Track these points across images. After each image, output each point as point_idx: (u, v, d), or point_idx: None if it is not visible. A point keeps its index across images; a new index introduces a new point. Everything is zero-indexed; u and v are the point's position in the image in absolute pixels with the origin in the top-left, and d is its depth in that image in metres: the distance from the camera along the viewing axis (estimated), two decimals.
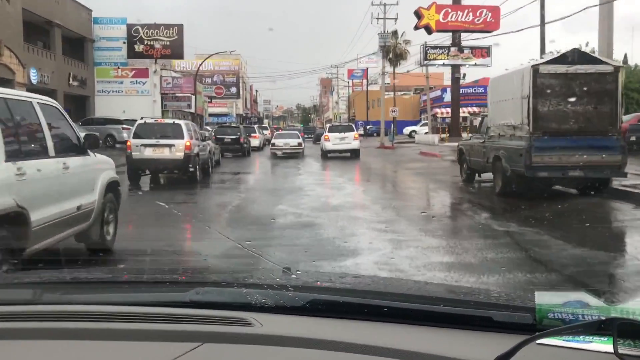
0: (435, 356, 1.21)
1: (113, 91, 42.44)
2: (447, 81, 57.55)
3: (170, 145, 18.02)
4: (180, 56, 43.61)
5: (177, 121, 18.65)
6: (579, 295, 1.33)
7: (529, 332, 1.23)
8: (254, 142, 40.16)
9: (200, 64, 47.05)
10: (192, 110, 44.14)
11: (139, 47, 42.65)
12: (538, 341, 1.18)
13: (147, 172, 18.63)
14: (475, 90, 64.36)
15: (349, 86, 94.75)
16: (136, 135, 18.32)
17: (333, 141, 29.55)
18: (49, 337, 1.33)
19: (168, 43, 42.70)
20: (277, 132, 39.86)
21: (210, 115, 76.57)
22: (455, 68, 40.65)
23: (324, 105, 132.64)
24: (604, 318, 1.16)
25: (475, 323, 1.41)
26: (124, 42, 42.73)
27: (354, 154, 29.30)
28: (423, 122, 58.53)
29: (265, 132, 57.29)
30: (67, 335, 1.34)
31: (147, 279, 2.07)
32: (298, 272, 2.02)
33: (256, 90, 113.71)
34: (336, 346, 1.26)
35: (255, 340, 1.30)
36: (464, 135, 40.95)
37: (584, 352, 1.20)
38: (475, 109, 48.81)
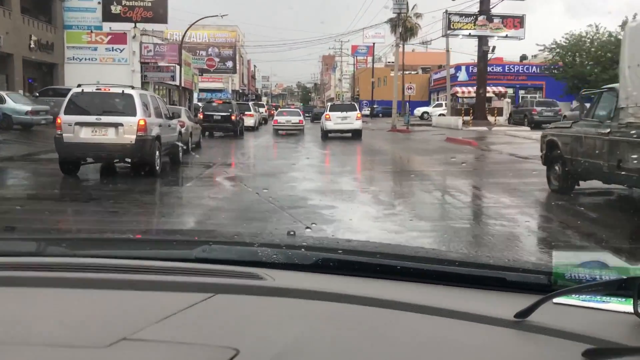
0: (450, 311, 1.16)
1: (86, 59, 36.70)
2: (455, 61, 52.17)
3: (116, 125, 12.56)
4: (163, 20, 37.73)
5: (127, 90, 13.11)
6: (598, 255, 1.29)
7: (545, 293, 1.17)
8: (248, 121, 35.25)
9: (187, 30, 41.24)
10: (177, 83, 38.33)
11: (115, 9, 36.78)
12: (555, 300, 1.16)
13: (88, 160, 13.20)
14: (492, 69, 58.87)
15: (354, 63, 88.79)
16: (70, 110, 12.82)
17: (334, 121, 27.99)
18: (58, 286, 1.29)
19: (150, 4, 36.80)
20: (279, 110, 39.77)
21: (203, 90, 70.96)
22: (483, 40, 34.97)
23: (326, 83, 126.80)
24: (624, 277, 1.11)
25: (490, 283, 1.37)
26: (99, 3, 36.83)
27: (356, 134, 27.82)
28: (436, 102, 52.65)
29: (261, 110, 51.78)
30: (73, 285, 1.29)
31: (154, 237, 2.21)
32: (306, 233, 1.61)
33: (254, 66, 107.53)
34: (349, 299, 1.22)
35: (268, 292, 1.26)
36: (490, 118, 35.42)
37: (602, 312, 1.16)
38: (501, 89, 42.96)
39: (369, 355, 0.99)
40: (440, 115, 42.68)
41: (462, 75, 60.67)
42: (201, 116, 30.81)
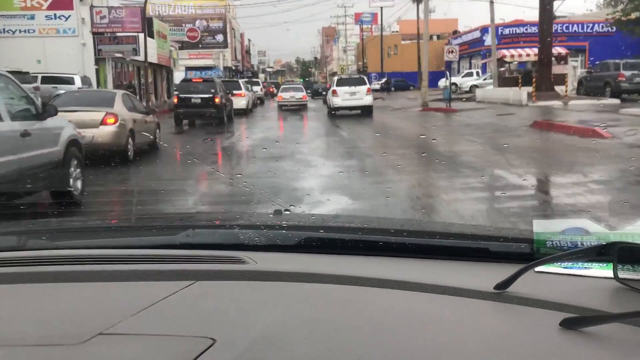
0: (432, 285, 1.17)
1: (20, 30, 28.16)
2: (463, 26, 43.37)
3: None
4: None
5: None
6: (578, 222, 1.30)
7: (528, 261, 1.17)
8: (239, 103, 27.85)
9: None
10: (141, 58, 29.49)
11: None
12: (537, 269, 1.18)
13: None
14: (525, 30, 49.96)
15: (361, 31, 79.46)
16: None
17: (342, 97, 25.19)
18: (34, 281, 1.26)
19: None
20: (283, 87, 38.79)
21: (191, 69, 62.28)
22: None
23: (327, 56, 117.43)
24: (603, 243, 1.13)
25: (472, 255, 1.40)
26: None
27: (366, 111, 25.19)
28: (466, 71, 43.62)
29: (256, 88, 43.19)
30: (54, 279, 1.27)
31: (136, 224, 2.15)
32: (288, 211, 2.18)
33: (249, 40, 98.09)
34: (332, 279, 1.23)
35: (249, 277, 1.27)
36: (559, 89, 26.66)
37: (584, 278, 1.18)
38: (561, 51, 33.91)
39: (350, 334, 0.98)
40: (474, 86, 34.00)
41: (490, 40, 51.68)
42: (175, 100, 23.30)
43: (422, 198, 7.76)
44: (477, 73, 43.06)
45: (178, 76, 46.61)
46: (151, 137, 14.14)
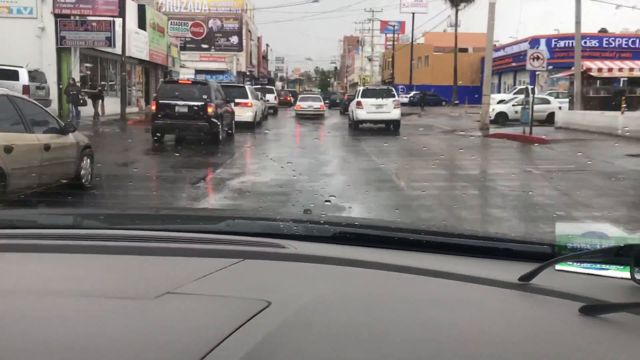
0: (459, 275, 1.23)
1: None
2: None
3: None
4: None
5: None
6: (599, 227, 1.35)
7: None
8: (243, 114, 21.57)
9: None
10: (117, 50, 22.83)
11: None
12: (557, 267, 1.24)
13: None
14: (585, 42, 43.09)
15: (386, 40, 72.93)
16: None
17: (367, 109, 22.44)
18: (95, 252, 1.38)
19: None
20: (301, 96, 38.36)
21: (201, 72, 56.12)
22: None
23: (348, 66, 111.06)
24: (622, 245, 1.15)
25: (498, 254, 1.46)
26: None
27: (393, 126, 22.53)
28: (517, 88, 36.30)
29: (269, 96, 36.75)
30: (110, 252, 1.39)
31: (179, 213, 2.35)
32: (322, 214, 2.38)
33: (266, 45, 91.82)
34: (369, 265, 1.30)
35: (292, 259, 1.35)
36: None
37: (602, 278, 1.22)
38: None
39: (384, 311, 1.05)
40: (521, 106, 27.22)
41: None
42: (153, 107, 17.02)
43: None
44: (532, 90, 35.94)
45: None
46: (64, 170, 7.95)
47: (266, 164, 12.44)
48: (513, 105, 29.37)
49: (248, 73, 70.50)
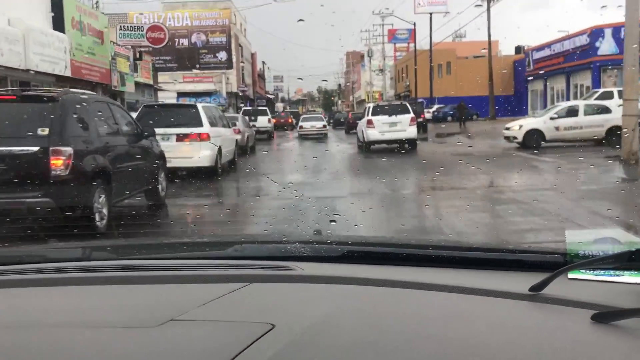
0: (471, 288, 1.21)
1: None
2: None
3: None
4: None
5: None
6: (610, 232, 1.31)
7: None
8: (195, 156, 13.10)
9: None
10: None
11: None
12: (570, 275, 1.21)
13: None
14: None
15: (399, 51, 63.82)
16: None
17: (379, 128, 19.94)
18: (102, 284, 1.38)
19: None
20: (303, 117, 37.60)
21: (185, 95, 47.11)
22: None
23: (354, 82, 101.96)
24: (634, 250, 1.14)
25: (509, 266, 1.43)
26: None
27: (409, 146, 20.09)
28: (557, 106, 25.28)
29: (262, 119, 27.62)
30: (116, 282, 1.39)
31: (186, 241, 2.35)
32: (329, 233, 2.35)
33: (262, 62, 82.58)
34: (374, 282, 1.28)
35: (298, 280, 1.35)
36: None
37: (615, 284, 1.19)
38: None
39: (394, 327, 1.03)
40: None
41: (607, 46, 35.21)
42: None
43: None
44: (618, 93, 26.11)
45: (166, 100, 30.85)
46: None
47: None
48: (551, 118, 20.11)
49: (240, 93, 61.10)
